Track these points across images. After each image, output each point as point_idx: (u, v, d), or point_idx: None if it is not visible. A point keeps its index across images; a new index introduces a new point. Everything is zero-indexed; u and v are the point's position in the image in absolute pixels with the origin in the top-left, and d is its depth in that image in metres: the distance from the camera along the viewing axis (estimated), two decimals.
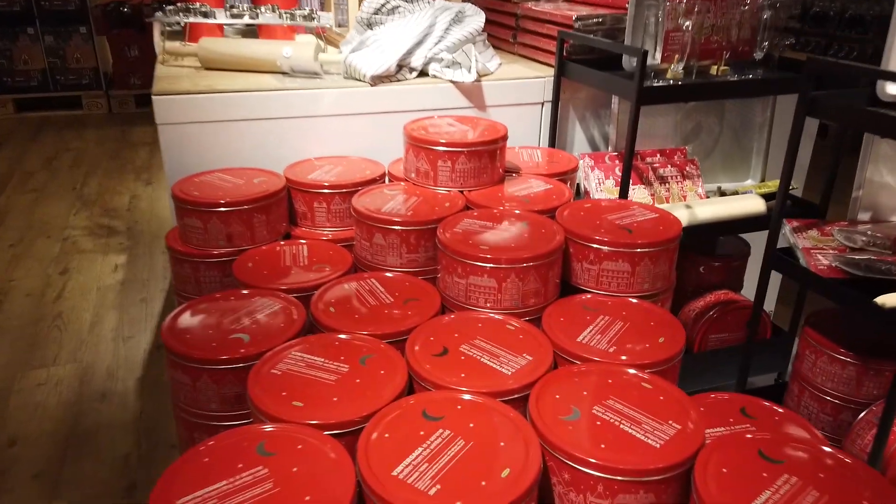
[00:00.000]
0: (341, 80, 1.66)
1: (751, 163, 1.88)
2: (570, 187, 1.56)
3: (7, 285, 2.63)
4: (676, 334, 1.11)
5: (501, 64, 1.85)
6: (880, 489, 0.80)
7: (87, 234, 3.09)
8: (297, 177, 1.50)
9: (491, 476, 0.79)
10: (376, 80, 1.64)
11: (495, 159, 1.46)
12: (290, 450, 0.84)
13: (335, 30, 2.08)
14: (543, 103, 1.78)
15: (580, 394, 0.96)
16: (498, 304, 1.17)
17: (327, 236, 1.48)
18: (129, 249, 2.95)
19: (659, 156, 1.73)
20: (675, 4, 1.51)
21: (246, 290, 1.23)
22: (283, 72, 1.68)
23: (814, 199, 1.66)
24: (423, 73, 1.72)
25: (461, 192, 1.44)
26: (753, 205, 1.61)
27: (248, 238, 1.40)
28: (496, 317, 1.16)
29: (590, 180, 1.67)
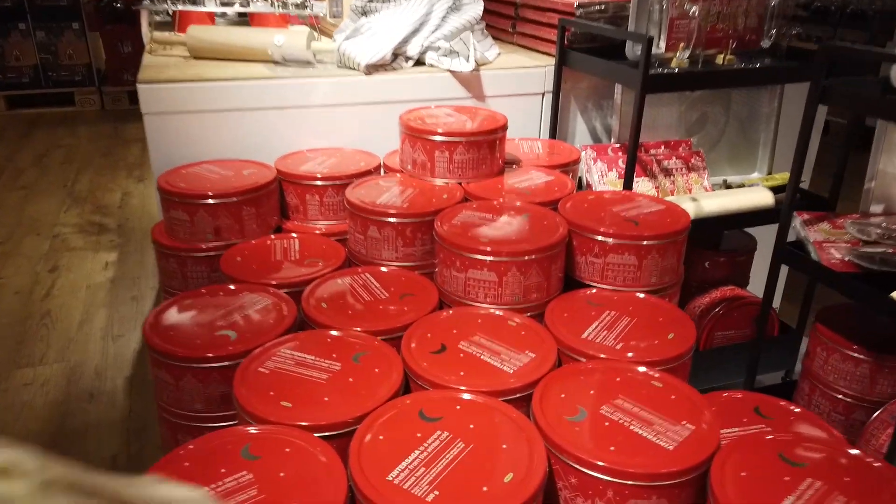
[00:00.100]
0: (335, 70, 1.61)
1: (757, 155, 1.83)
2: (572, 179, 1.51)
3: None
4: (686, 330, 1.06)
5: (500, 54, 1.80)
6: None
7: (77, 232, 3.02)
8: (288, 169, 1.44)
9: (493, 481, 0.74)
10: (371, 69, 1.59)
11: (495, 150, 1.41)
12: (277, 453, 0.78)
13: (329, 20, 2.02)
14: (544, 94, 1.72)
15: (586, 393, 0.90)
16: (498, 299, 1.12)
17: (320, 230, 1.43)
18: (120, 247, 2.89)
19: (663, 148, 1.68)
20: None
21: (234, 286, 1.18)
22: (275, 61, 1.62)
23: (820, 195, 1.61)
24: (419, 62, 1.67)
25: (459, 183, 1.39)
26: (762, 197, 1.55)
27: (237, 232, 1.34)
28: (497, 312, 1.10)
29: (592, 173, 1.61)
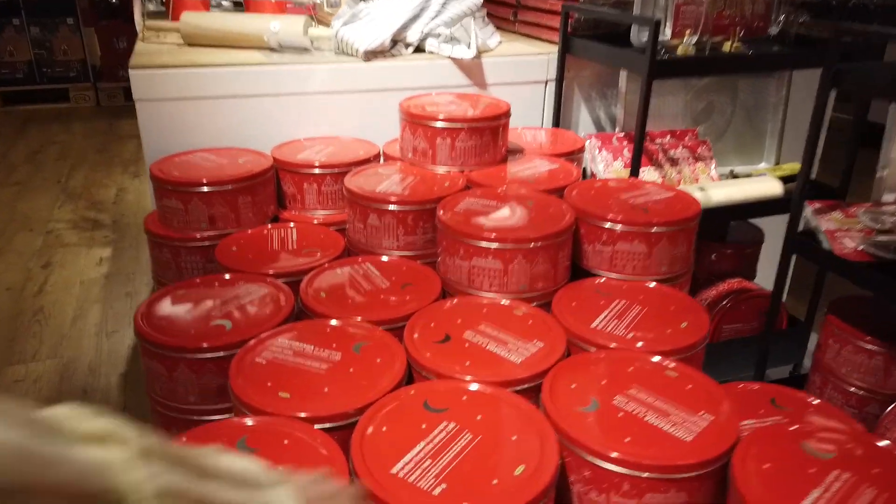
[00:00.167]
0: (332, 56, 1.57)
1: (764, 145, 1.79)
2: (577, 168, 1.47)
3: None
4: (700, 319, 1.02)
5: (502, 42, 1.76)
6: None
7: (71, 228, 2.98)
8: (285, 157, 1.40)
9: (503, 473, 0.70)
10: (369, 56, 1.55)
11: (497, 137, 1.37)
12: (274, 445, 0.74)
13: (326, 9, 1.98)
14: (547, 82, 1.68)
15: (598, 383, 0.86)
16: (504, 288, 1.08)
17: (318, 219, 1.39)
18: (114, 243, 2.84)
19: (669, 137, 1.64)
20: None
21: (229, 275, 1.13)
22: (271, 47, 1.58)
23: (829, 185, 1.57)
24: (419, 48, 1.63)
25: (461, 171, 1.35)
26: (770, 187, 1.52)
27: (233, 221, 1.30)
28: (502, 301, 1.06)
29: (597, 162, 1.58)
